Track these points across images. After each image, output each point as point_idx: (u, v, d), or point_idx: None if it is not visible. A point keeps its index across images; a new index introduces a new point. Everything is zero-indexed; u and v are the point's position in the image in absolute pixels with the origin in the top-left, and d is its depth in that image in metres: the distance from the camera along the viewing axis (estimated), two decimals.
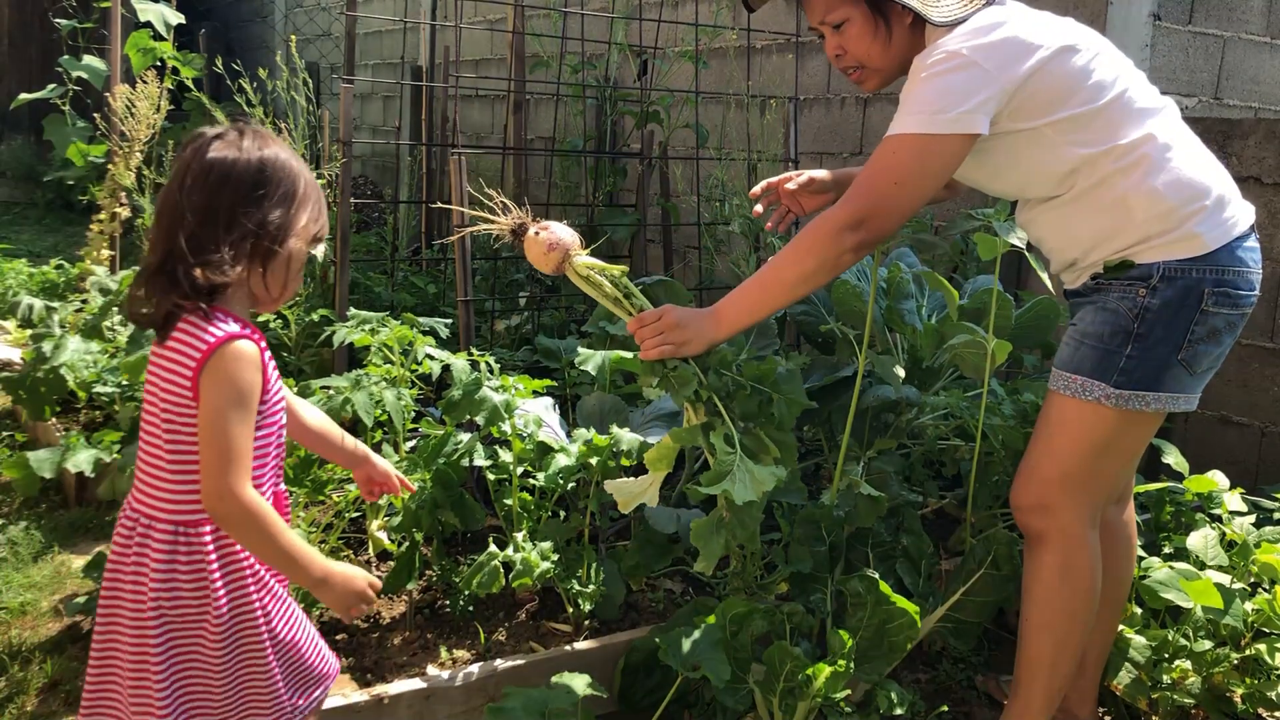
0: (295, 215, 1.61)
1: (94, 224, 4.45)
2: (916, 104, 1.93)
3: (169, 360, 1.55)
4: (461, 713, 2.15)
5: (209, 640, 1.57)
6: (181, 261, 1.52)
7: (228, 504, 1.50)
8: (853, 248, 1.96)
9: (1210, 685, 2.30)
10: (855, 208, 1.95)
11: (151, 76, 4.39)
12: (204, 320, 1.54)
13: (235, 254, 1.55)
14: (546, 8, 4.87)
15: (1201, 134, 3.30)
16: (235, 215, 1.55)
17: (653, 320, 2.03)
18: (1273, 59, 4.08)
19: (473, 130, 7.09)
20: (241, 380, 1.53)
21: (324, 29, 8.57)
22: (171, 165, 1.65)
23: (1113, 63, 2.01)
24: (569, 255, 2.05)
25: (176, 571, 1.56)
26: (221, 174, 1.55)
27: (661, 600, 2.65)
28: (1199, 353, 1.98)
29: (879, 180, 1.95)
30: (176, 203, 1.55)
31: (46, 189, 8.42)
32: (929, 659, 2.55)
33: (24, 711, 2.25)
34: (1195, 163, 1.99)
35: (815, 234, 1.97)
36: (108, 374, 3.48)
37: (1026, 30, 1.94)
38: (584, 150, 4.79)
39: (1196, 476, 2.68)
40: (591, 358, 2.76)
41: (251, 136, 1.61)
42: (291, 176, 1.61)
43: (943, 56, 1.92)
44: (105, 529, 3.11)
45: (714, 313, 2.05)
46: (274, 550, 1.54)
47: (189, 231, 1.52)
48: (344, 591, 1.59)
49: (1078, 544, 2.04)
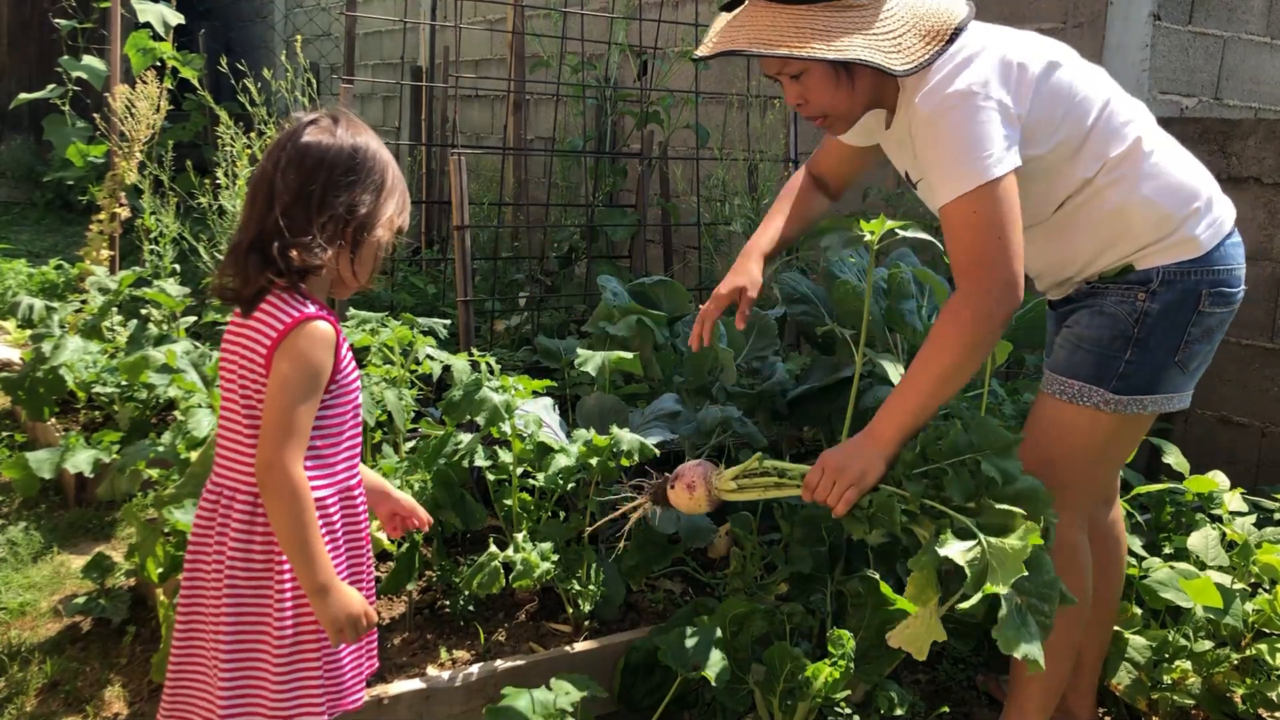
0: (384, 203, 1.65)
1: (93, 224, 4.44)
2: (960, 156, 1.84)
3: (250, 335, 1.59)
4: (461, 713, 2.15)
5: (274, 612, 1.61)
6: (276, 239, 1.56)
7: (274, 474, 1.53)
8: (1003, 320, 1.84)
9: (1210, 685, 2.30)
10: (982, 285, 1.83)
11: (151, 76, 4.39)
12: (288, 300, 1.59)
13: (327, 237, 1.59)
14: (546, 8, 4.87)
15: (1201, 134, 3.32)
16: (327, 199, 1.59)
17: (818, 478, 1.90)
18: (1273, 59, 4.07)
19: (472, 130, 7.08)
20: (313, 358, 1.57)
21: (324, 29, 8.56)
22: (266, 148, 1.72)
23: (1090, 77, 1.98)
24: (711, 482, 2.03)
25: (253, 543, 1.61)
26: (316, 158, 1.60)
27: (661, 601, 2.65)
28: (1193, 352, 1.98)
29: (985, 248, 1.83)
30: (271, 183, 1.59)
31: (46, 189, 8.42)
32: (929, 659, 2.54)
33: (24, 712, 2.25)
34: (1182, 166, 1.98)
35: (957, 323, 1.84)
36: (107, 374, 3.48)
37: (1013, 51, 1.90)
38: (584, 150, 4.79)
39: (1197, 477, 2.68)
40: (591, 358, 2.76)
41: (345, 124, 1.65)
42: (381, 165, 1.66)
43: (956, 101, 1.83)
44: (105, 529, 3.11)
45: (870, 434, 1.91)
46: (298, 536, 1.55)
47: (283, 210, 1.57)
48: (340, 609, 1.58)
49: (1068, 551, 2.02)
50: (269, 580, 1.62)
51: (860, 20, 1.88)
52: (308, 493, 1.56)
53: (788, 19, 1.88)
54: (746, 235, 4.09)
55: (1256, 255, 3.19)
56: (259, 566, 1.62)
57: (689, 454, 2.93)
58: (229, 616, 1.61)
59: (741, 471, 2.03)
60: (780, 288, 3.18)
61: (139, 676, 2.37)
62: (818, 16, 1.87)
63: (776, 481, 2.00)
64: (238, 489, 1.62)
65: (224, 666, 1.61)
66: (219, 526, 1.63)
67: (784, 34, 1.87)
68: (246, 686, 1.63)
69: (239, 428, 1.63)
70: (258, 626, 1.62)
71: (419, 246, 5.29)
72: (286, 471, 1.53)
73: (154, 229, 4.30)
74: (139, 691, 2.32)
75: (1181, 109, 3.81)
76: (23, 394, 3.46)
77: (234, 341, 1.62)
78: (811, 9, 1.88)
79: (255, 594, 1.62)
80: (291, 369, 1.56)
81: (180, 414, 2.80)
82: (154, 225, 4.29)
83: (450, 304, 4.10)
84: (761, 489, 2.01)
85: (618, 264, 4.55)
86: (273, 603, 1.62)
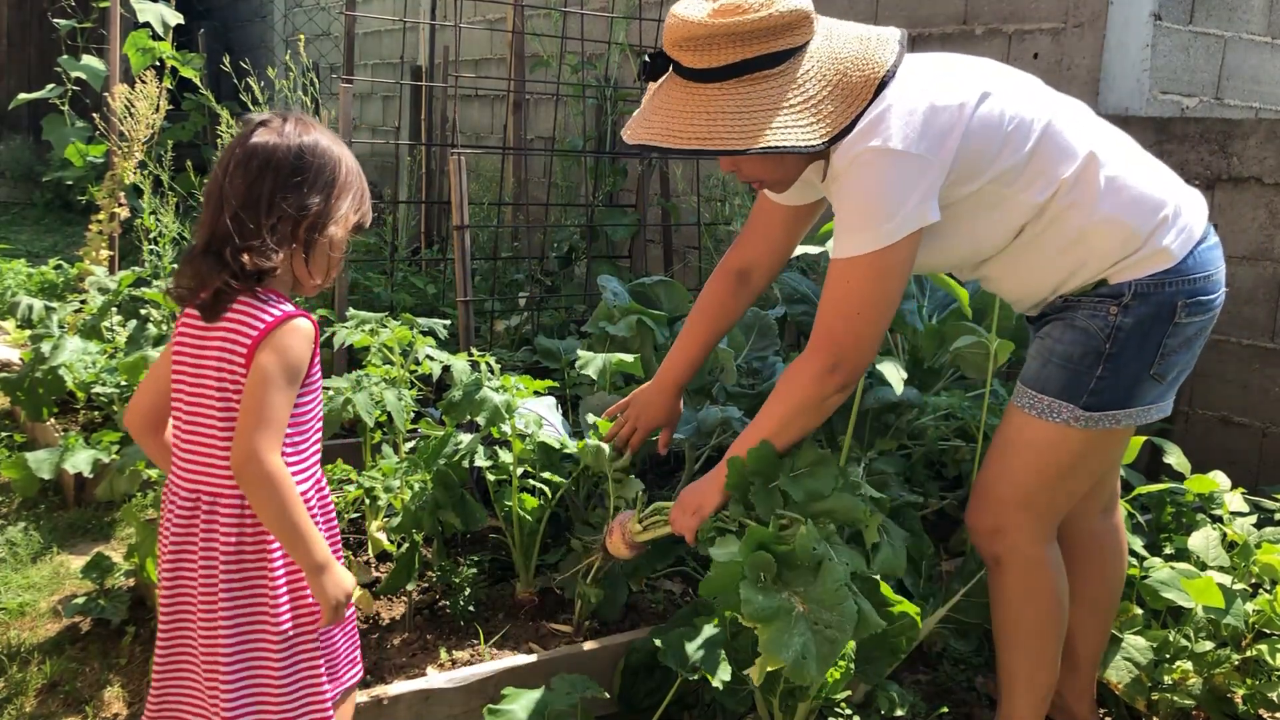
0: (336, 202, 1.65)
1: (93, 224, 4.44)
2: (858, 219, 1.79)
3: (226, 339, 1.59)
4: (461, 714, 2.15)
5: (269, 607, 1.62)
6: (227, 243, 1.57)
7: (253, 465, 1.54)
8: (835, 390, 1.88)
9: (1211, 686, 2.30)
10: (826, 354, 1.86)
11: (150, 76, 4.39)
12: (260, 301, 1.59)
13: (277, 239, 1.59)
14: (546, 8, 4.87)
15: (1202, 134, 3.32)
16: (275, 200, 1.59)
17: (677, 514, 2.07)
18: (1273, 59, 4.07)
19: (472, 130, 7.08)
20: (293, 352, 1.58)
21: (323, 29, 8.56)
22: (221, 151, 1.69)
23: (1028, 97, 1.88)
24: (626, 528, 2.23)
25: (244, 544, 1.61)
26: (262, 160, 1.60)
27: (661, 601, 2.64)
28: (1171, 363, 1.92)
29: (840, 317, 1.85)
30: (221, 187, 1.60)
31: (45, 189, 8.42)
32: (930, 660, 2.54)
33: (23, 712, 2.24)
34: (1143, 176, 1.90)
35: (792, 383, 1.92)
36: (106, 374, 3.48)
37: (940, 94, 1.80)
38: (584, 150, 4.79)
39: (1197, 477, 2.67)
40: (592, 361, 2.76)
41: (294, 123, 1.64)
42: (332, 163, 1.65)
43: (869, 158, 1.76)
44: (104, 530, 3.10)
45: (715, 469, 2.02)
46: (289, 522, 1.56)
47: (231, 214, 1.57)
48: (336, 587, 1.61)
49: (1035, 565, 2.00)
50: (263, 579, 1.62)
51: (776, 90, 1.77)
52: (287, 476, 1.57)
53: (700, 102, 1.78)
54: None
55: (1257, 255, 3.19)
56: (252, 566, 1.62)
57: (689, 454, 2.93)
58: (227, 619, 1.61)
59: (639, 516, 2.21)
60: (780, 288, 3.18)
61: (138, 677, 2.37)
62: (730, 95, 1.77)
63: (665, 520, 2.15)
64: (219, 493, 1.62)
65: (226, 667, 1.61)
66: (203, 533, 1.62)
67: (694, 120, 1.78)
68: (250, 684, 1.64)
69: (215, 432, 1.61)
70: (256, 625, 1.63)
71: (419, 246, 5.29)
72: (264, 461, 1.54)
73: (153, 229, 4.29)
74: (138, 692, 2.32)
75: (1182, 109, 3.81)
76: (22, 394, 3.46)
77: (204, 346, 1.61)
78: (721, 86, 1.77)
79: (251, 594, 1.62)
80: (271, 362, 1.56)
81: None
82: (153, 225, 4.29)
83: (450, 304, 4.10)
84: (658, 531, 2.17)
85: (618, 264, 4.55)
86: (268, 600, 1.62)
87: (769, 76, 1.78)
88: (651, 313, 3.02)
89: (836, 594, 1.75)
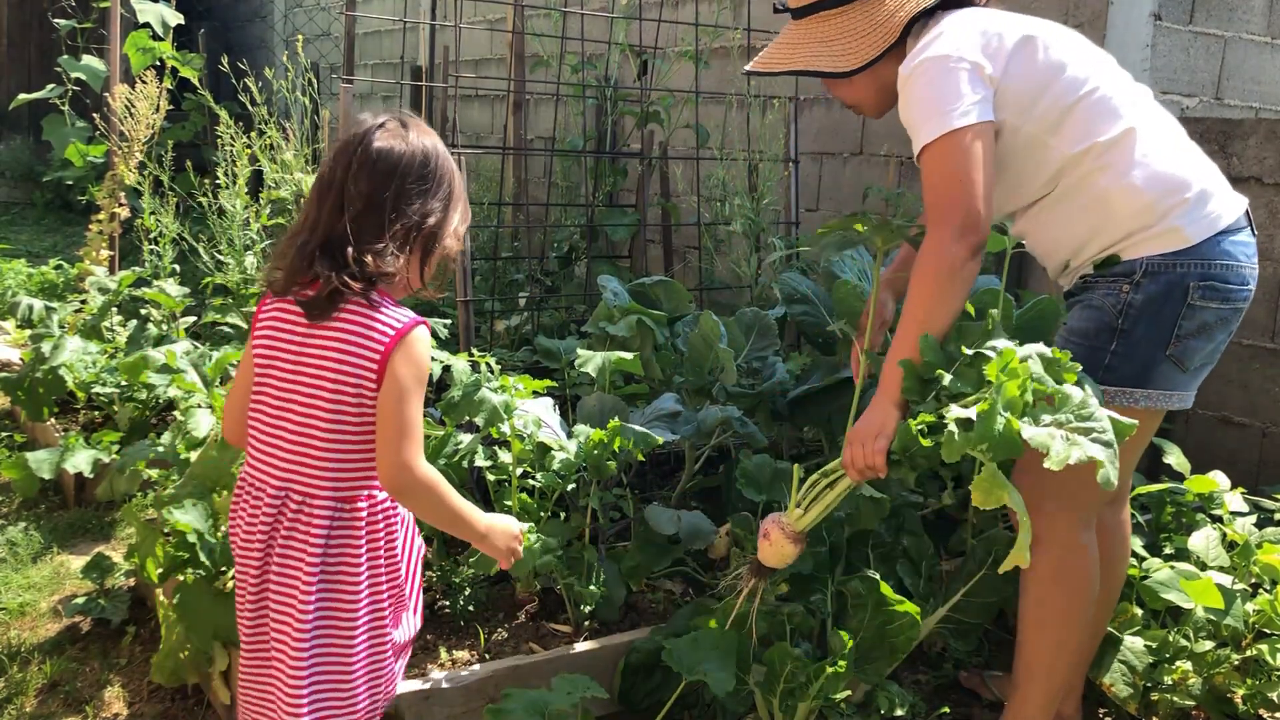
0: (452, 213, 1.69)
1: (93, 224, 4.44)
2: (923, 113, 1.95)
3: (344, 342, 1.59)
4: (461, 714, 2.15)
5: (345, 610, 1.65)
6: (345, 244, 1.58)
7: (406, 476, 1.59)
8: (970, 253, 1.89)
9: (1211, 686, 2.29)
10: (947, 221, 1.90)
11: (150, 76, 4.39)
12: (373, 305, 1.60)
13: (399, 244, 1.61)
14: (546, 8, 4.87)
15: (1202, 134, 3.32)
16: (400, 206, 1.61)
17: (850, 453, 1.93)
18: (1273, 59, 4.07)
19: (473, 130, 7.08)
20: (424, 362, 1.63)
21: (323, 29, 8.56)
22: (330, 149, 1.73)
23: (1085, 59, 2.03)
24: (781, 523, 2.03)
25: (329, 547, 1.63)
26: (389, 165, 1.61)
27: (661, 601, 2.64)
28: (1189, 348, 1.96)
29: (947, 189, 1.91)
30: (341, 188, 1.60)
31: (45, 189, 8.42)
32: (930, 660, 2.54)
33: (23, 712, 2.24)
34: (1175, 157, 1.99)
35: (927, 263, 1.91)
36: (107, 374, 3.48)
37: (988, 25, 2.00)
38: (584, 150, 4.78)
39: (1197, 477, 2.67)
40: (592, 359, 2.76)
41: (414, 128, 1.66)
42: (450, 173, 1.69)
43: (928, 64, 1.96)
44: (105, 530, 3.10)
45: (880, 385, 1.95)
46: (449, 514, 1.67)
47: (353, 217, 1.59)
48: (504, 539, 1.75)
49: (1071, 546, 2.03)
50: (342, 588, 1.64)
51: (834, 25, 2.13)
52: (437, 476, 1.63)
53: (800, 33, 2.18)
54: (746, 235, 4.10)
55: (1258, 255, 3.18)
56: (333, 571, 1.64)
57: (689, 454, 2.93)
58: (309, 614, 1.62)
59: (795, 500, 2.04)
60: (780, 288, 3.17)
61: (139, 677, 2.37)
62: (822, 23, 2.14)
63: (829, 483, 2.00)
64: (311, 493, 1.62)
65: (298, 658, 1.63)
66: (285, 530, 1.63)
67: (791, 48, 2.18)
68: (321, 675, 1.67)
69: (316, 432, 1.61)
70: (331, 630, 1.66)
71: None
72: (415, 470, 1.60)
73: (153, 229, 4.29)
74: (138, 692, 2.32)
75: (1182, 109, 3.80)
76: (22, 394, 3.46)
77: (307, 344, 1.61)
78: (805, 23, 2.17)
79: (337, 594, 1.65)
80: (408, 374, 1.59)
81: (180, 414, 2.80)
82: (153, 225, 4.28)
83: (450, 304, 4.10)
84: (822, 501, 2.01)
85: (618, 264, 4.55)
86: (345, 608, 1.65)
87: (837, 14, 2.12)
88: (651, 313, 3.02)
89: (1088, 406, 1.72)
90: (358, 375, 1.59)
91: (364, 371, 1.59)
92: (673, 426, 2.68)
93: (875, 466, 1.89)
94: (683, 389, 2.98)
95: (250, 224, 4.07)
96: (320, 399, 1.60)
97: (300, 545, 1.62)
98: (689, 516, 2.54)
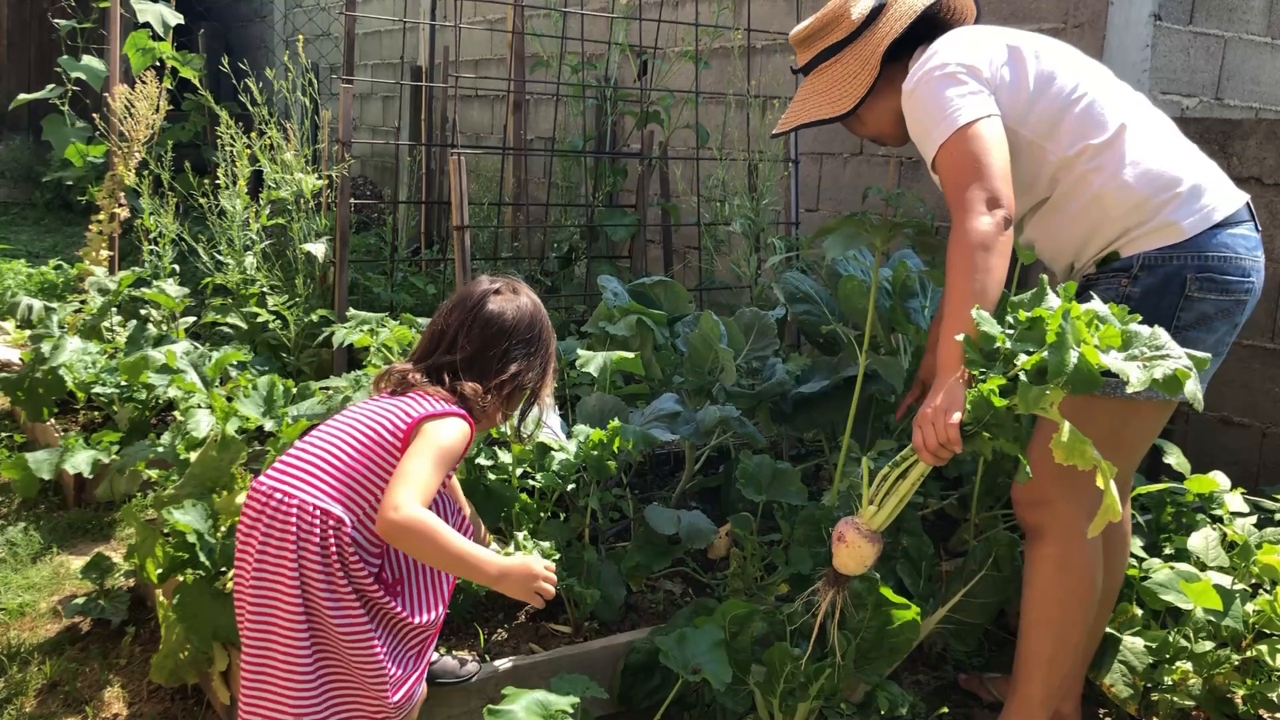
0: (547, 377, 1.96)
1: (93, 224, 4.44)
2: (929, 120, 2.03)
3: (401, 404, 1.82)
4: (461, 714, 2.15)
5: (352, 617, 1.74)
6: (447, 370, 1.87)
7: (391, 514, 1.67)
8: (1003, 222, 1.90)
9: (1211, 686, 2.29)
10: (974, 198, 1.91)
11: (150, 76, 4.39)
12: (442, 399, 1.84)
13: (493, 390, 1.88)
14: (546, 8, 4.87)
15: (1202, 134, 3.32)
16: (504, 364, 1.89)
17: (921, 436, 1.87)
18: (1273, 59, 4.07)
19: (472, 130, 7.08)
20: (454, 440, 1.79)
21: (323, 29, 8.56)
22: (450, 302, 1.99)
23: (1074, 67, 2.10)
24: (856, 525, 1.94)
25: (333, 568, 1.72)
26: (499, 326, 1.89)
27: (661, 601, 2.64)
28: (1190, 340, 1.96)
29: (963, 176, 1.95)
30: (455, 338, 1.89)
31: (45, 189, 8.42)
32: (930, 660, 2.54)
33: (23, 712, 2.24)
34: (1166, 155, 2.03)
35: (961, 238, 1.91)
36: (106, 374, 3.48)
37: (979, 33, 2.13)
38: (584, 150, 4.79)
39: (1197, 477, 2.67)
40: (593, 359, 2.76)
41: (524, 293, 1.94)
42: (550, 337, 1.93)
43: (921, 79, 2.06)
44: (104, 530, 3.10)
45: (940, 365, 1.92)
46: (449, 556, 1.73)
47: (463, 360, 1.87)
48: (523, 581, 1.79)
49: (1076, 539, 2.03)
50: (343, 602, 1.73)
51: (827, 75, 2.26)
52: (431, 517, 1.69)
53: (808, 88, 2.31)
54: (746, 235, 4.09)
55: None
56: (340, 585, 1.73)
57: (689, 454, 2.93)
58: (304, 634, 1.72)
59: (870, 496, 1.96)
60: (783, 287, 3.17)
61: (138, 677, 2.37)
62: (811, 83, 2.29)
63: (901, 473, 1.94)
64: (329, 510, 1.72)
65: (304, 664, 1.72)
66: (294, 543, 1.71)
67: (800, 104, 2.30)
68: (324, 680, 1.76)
69: (346, 458, 1.76)
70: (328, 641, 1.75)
71: (419, 247, 5.29)
72: (403, 508, 1.67)
73: (153, 229, 4.29)
74: (138, 692, 2.32)
75: (1182, 109, 3.81)
76: (22, 394, 3.46)
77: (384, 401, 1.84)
78: (810, 78, 2.30)
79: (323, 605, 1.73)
80: (434, 437, 1.76)
81: (179, 414, 2.80)
82: (153, 225, 4.28)
83: None
84: (897, 493, 1.94)
85: (618, 264, 4.55)
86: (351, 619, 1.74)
87: (833, 63, 2.25)
88: (651, 313, 3.02)
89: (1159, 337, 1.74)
90: (394, 425, 1.77)
91: (397, 425, 1.77)
92: (672, 427, 2.68)
93: (950, 441, 1.82)
94: (682, 389, 2.98)
95: (250, 224, 4.07)
96: (356, 433, 1.78)
97: (278, 545, 1.71)
98: (689, 516, 2.54)
